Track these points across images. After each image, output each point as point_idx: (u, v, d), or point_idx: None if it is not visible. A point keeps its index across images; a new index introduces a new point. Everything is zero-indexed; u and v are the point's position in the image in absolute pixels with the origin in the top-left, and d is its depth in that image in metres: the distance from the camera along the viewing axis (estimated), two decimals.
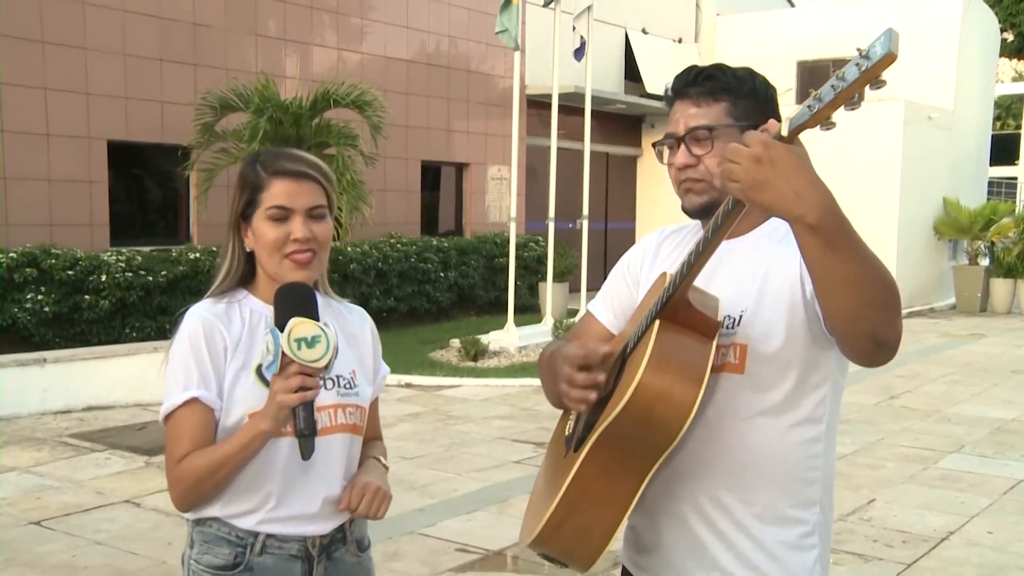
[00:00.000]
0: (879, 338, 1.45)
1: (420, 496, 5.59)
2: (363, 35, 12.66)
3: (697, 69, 1.73)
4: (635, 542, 1.81)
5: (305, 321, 1.64)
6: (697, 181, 1.70)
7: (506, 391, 8.83)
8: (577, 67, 11.92)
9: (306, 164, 1.82)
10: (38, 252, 8.79)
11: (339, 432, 1.84)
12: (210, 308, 1.83)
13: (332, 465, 1.84)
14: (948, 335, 13.22)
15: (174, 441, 1.76)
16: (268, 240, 1.79)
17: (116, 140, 10.05)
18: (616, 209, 17.73)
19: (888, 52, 1.19)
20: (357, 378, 1.90)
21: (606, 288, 1.96)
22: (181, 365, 1.78)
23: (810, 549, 1.70)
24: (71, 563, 4.51)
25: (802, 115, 1.30)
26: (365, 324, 2.02)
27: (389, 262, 11.80)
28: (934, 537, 5.03)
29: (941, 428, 7.58)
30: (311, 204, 1.80)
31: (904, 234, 15.40)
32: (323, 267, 1.87)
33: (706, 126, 1.69)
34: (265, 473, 1.79)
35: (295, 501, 1.81)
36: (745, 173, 1.33)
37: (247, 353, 1.80)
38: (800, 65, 18.47)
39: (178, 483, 1.75)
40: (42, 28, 9.40)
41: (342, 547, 1.89)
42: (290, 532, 1.81)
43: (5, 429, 7.09)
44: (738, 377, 1.66)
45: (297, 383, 1.62)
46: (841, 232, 1.36)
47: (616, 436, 1.54)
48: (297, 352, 1.62)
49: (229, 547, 1.80)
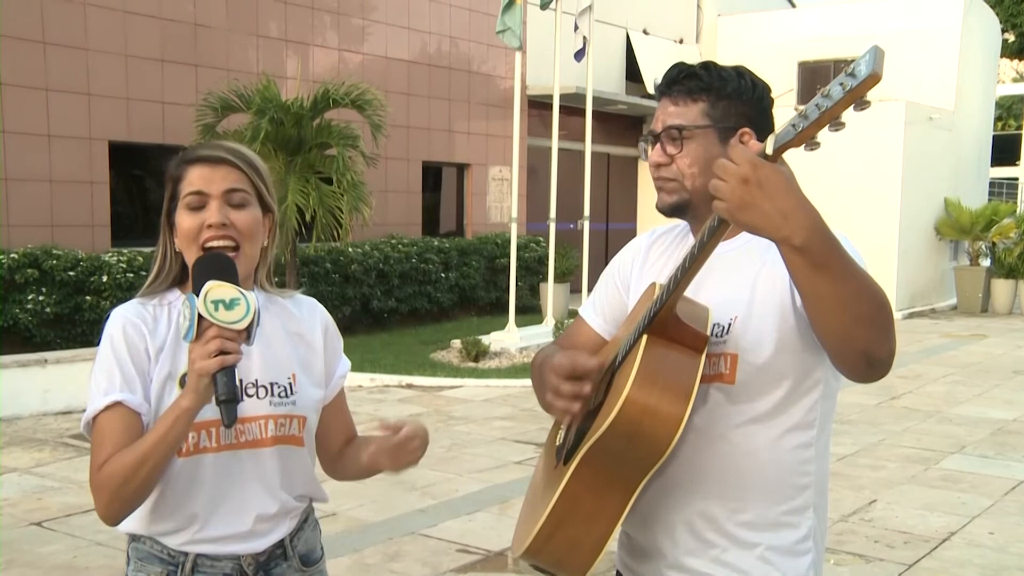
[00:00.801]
0: (871, 355, 1.45)
1: (421, 497, 5.59)
2: (364, 36, 12.66)
3: (681, 67, 1.71)
4: (628, 546, 1.81)
5: (222, 284, 1.55)
6: (669, 180, 1.70)
7: (507, 392, 8.83)
8: (578, 68, 11.92)
9: (224, 150, 1.74)
10: (39, 253, 8.80)
11: (269, 445, 1.73)
12: (135, 309, 1.74)
13: (264, 480, 1.73)
14: (949, 336, 13.21)
15: (96, 448, 1.64)
16: (183, 229, 1.70)
17: (117, 141, 10.05)
18: (617, 210, 17.74)
19: (872, 72, 1.16)
20: (296, 383, 1.78)
21: (596, 292, 1.94)
22: (103, 369, 1.68)
23: (804, 554, 1.69)
24: (72, 564, 4.51)
25: (786, 133, 1.28)
26: (315, 319, 1.88)
27: (390, 263, 11.80)
28: (935, 538, 5.03)
29: (942, 429, 7.57)
30: (227, 187, 1.69)
31: (905, 235, 15.40)
32: (250, 262, 1.74)
33: (678, 126, 1.67)
34: (189, 492, 1.69)
35: (224, 520, 1.71)
36: (731, 193, 1.31)
37: (173, 359, 1.70)
38: (801, 66, 18.47)
39: (102, 490, 1.61)
40: (43, 29, 9.40)
41: (283, 563, 1.78)
42: (221, 551, 1.72)
43: (6, 430, 7.09)
44: (729, 387, 1.64)
45: (216, 347, 1.51)
46: (828, 252, 1.35)
47: (604, 452, 1.53)
48: (214, 314, 1.52)
49: (161, 565, 1.72)
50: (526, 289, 13.55)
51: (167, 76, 10.42)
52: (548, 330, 10.97)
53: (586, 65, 11.46)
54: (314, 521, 1.89)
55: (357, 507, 5.29)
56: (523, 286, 13.29)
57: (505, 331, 10.75)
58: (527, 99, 13.81)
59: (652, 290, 1.65)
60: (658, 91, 1.75)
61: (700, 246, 1.46)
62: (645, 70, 17.29)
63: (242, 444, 1.71)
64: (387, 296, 11.83)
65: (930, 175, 16.02)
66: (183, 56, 10.56)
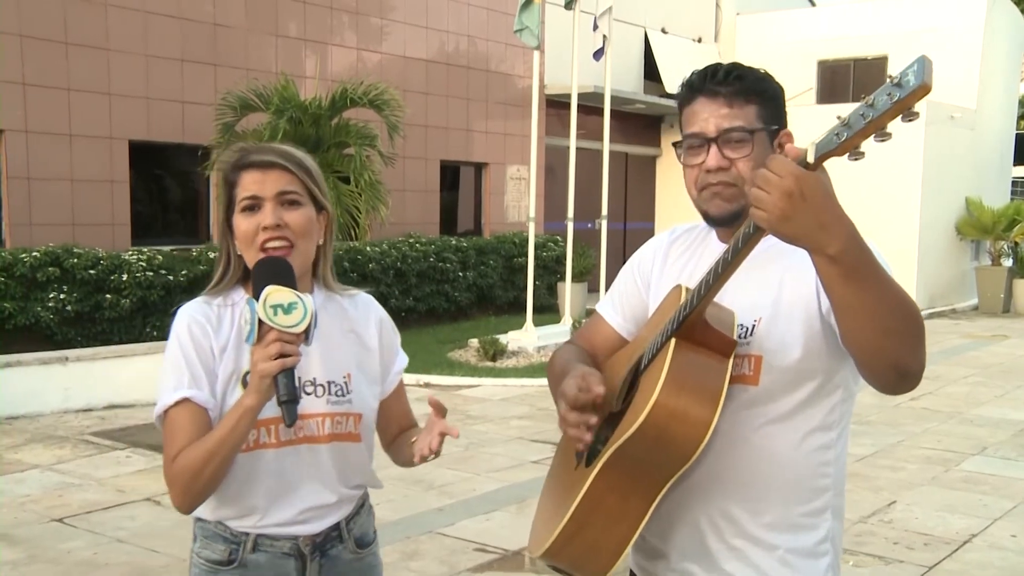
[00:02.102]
0: (901, 368, 1.43)
1: (438, 496, 5.59)
2: (382, 35, 12.69)
3: (726, 66, 1.67)
4: (643, 547, 1.80)
5: (280, 288, 1.62)
6: (729, 185, 1.63)
7: (525, 391, 8.83)
8: (596, 67, 11.89)
9: (275, 154, 1.80)
10: (60, 251, 8.87)
11: (326, 442, 1.81)
12: (200, 308, 1.81)
13: (321, 474, 1.82)
14: (970, 336, 13.10)
15: (168, 441, 1.74)
16: (241, 232, 1.77)
17: (137, 140, 10.12)
18: (635, 209, 17.70)
19: (922, 83, 1.14)
20: (352, 382, 1.85)
21: (615, 289, 1.92)
22: (172, 366, 1.77)
23: (822, 556, 1.69)
24: (92, 560, 4.54)
25: (829, 142, 1.25)
26: (370, 317, 1.96)
27: (408, 262, 11.82)
28: (956, 540, 4.98)
29: (963, 430, 7.51)
30: (279, 189, 1.77)
31: (925, 235, 15.29)
32: (305, 258, 1.82)
33: (746, 128, 1.62)
34: (250, 486, 1.77)
35: (282, 510, 1.80)
36: (773, 205, 1.29)
37: (236, 358, 1.78)
38: (820, 64, 18.37)
39: (176, 481, 1.72)
40: (65, 29, 9.48)
41: (338, 544, 1.88)
42: (280, 533, 1.81)
43: (28, 427, 7.15)
44: (752, 389, 1.63)
45: (276, 350, 1.59)
46: (861, 263, 1.34)
47: (629, 455, 1.52)
48: (273, 318, 1.59)
49: (224, 544, 1.81)
50: (544, 288, 13.54)
51: (187, 76, 10.48)
52: (566, 329, 10.96)
53: (604, 64, 11.45)
54: (369, 507, 1.98)
55: (375, 506, 5.29)
56: (541, 285, 13.28)
57: (523, 330, 10.75)
58: (545, 98, 13.81)
59: (677, 292, 1.63)
60: (693, 90, 1.68)
61: (734, 252, 1.44)
62: (663, 69, 17.24)
63: (300, 440, 1.79)
64: (405, 295, 11.85)
65: (951, 174, 15.90)
66: (203, 56, 10.62)
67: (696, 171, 1.67)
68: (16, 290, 8.55)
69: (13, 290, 8.52)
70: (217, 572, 1.82)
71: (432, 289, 12.29)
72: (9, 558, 4.56)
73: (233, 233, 1.81)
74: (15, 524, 5.02)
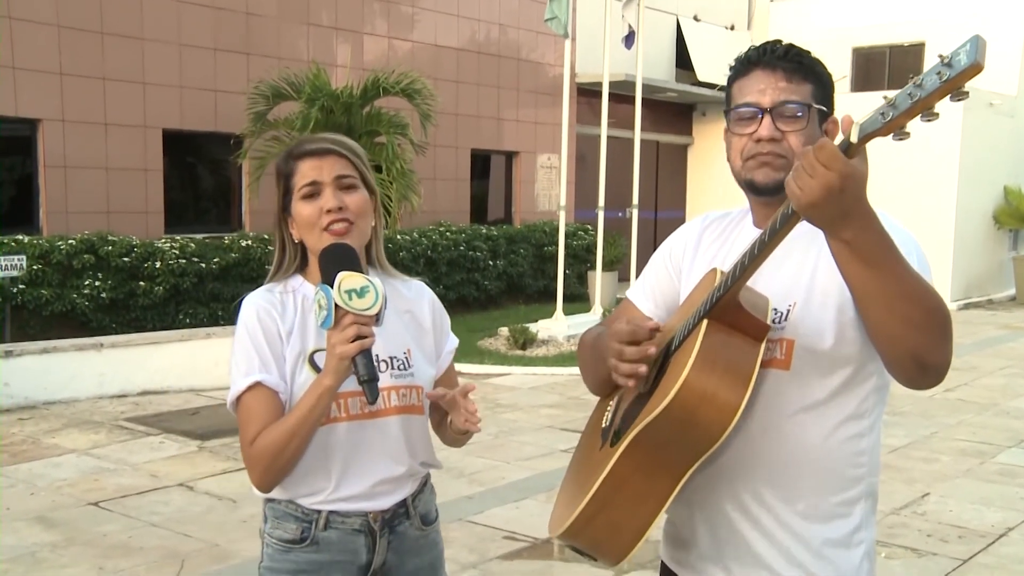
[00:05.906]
0: (922, 360, 1.43)
1: (468, 484, 5.61)
2: (414, 23, 12.69)
3: (785, 44, 1.67)
4: (674, 537, 1.78)
5: (352, 273, 1.69)
6: (779, 156, 1.62)
7: (554, 380, 8.83)
8: (627, 55, 11.83)
9: (328, 141, 1.90)
10: (95, 239, 8.99)
11: (394, 414, 1.88)
12: (265, 296, 1.90)
13: (389, 447, 1.89)
14: (1007, 327, 12.91)
15: (244, 424, 1.82)
16: (304, 217, 1.86)
17: (171, 129, 10.21)
18: (666, 198, 17.60)
19: (974, 62, 1.13)
20: (412, 357, 1.94)
21: (646, 275, 1.91)
22: (242, 352, 1.85)
23: (856, 546, 1.67)
24: (127, 543, 4.61)
25: (874, 122, 1.24)
26: (423, 299, 2.05)
27: (438, 250, 11.85)
28: (992, 533, 4.92)
29: (999, 422, 7.41)
30: (336, 173, 1.86)
31: (962, 223, 15.06)
32: (363, 238, 1.90)
33: (803, 103, 1.62)
34: (324, 459, 1.84)
35: (354, 482, 1.87)
36: (811, 191, 1.30)
37: (302, 340, 1.86)
38: (855, 52, 18.14)
39: (257, 463, 1.79)
40: (101, 19, 9.57)
41: (406, 521, 1.95)
42: (351, 508, 1.88)
43: (64, 412, 7.26)
44: (783, 374, 1.62)
45: (354, 332, 1.66)
46: (879, 249, 1.35)
47: (655, 435, 1.51)
48: (349, 302, 1.67)
49: (296, 523, 1.87)
50: (574, 277, 13.52)
51: (219, 65, 10.55)
52: (596, 318, 10.94)
53: (635, 52, 11.38)
54: (431, 486, 2.06)
55: None
56: (571, 274, 13.26)
57: (553, 319, 10.74)
58: (576, 86, 13.75)
59: (712, 276, 1.62)
60: (750, 63, 1.67)
61: (772, 233, 1.43)
62: (695, 57, 17.11)
63: (370, 415, 1.86)
64: (435, 283, 11.82)
65: (990, 162, 15.64)
66: (235, 45, 10.69)
67: (744, 140, 1.66)
68: (53, 277, 8.68)
69: (50, 277, 8.66)
70: (290, 551, 1.87)
71: (462, 277, 12.32)
72: (47, 540, 4.64)
73: (288, 223, 1.91)
74: (53, 507, 5.11)
